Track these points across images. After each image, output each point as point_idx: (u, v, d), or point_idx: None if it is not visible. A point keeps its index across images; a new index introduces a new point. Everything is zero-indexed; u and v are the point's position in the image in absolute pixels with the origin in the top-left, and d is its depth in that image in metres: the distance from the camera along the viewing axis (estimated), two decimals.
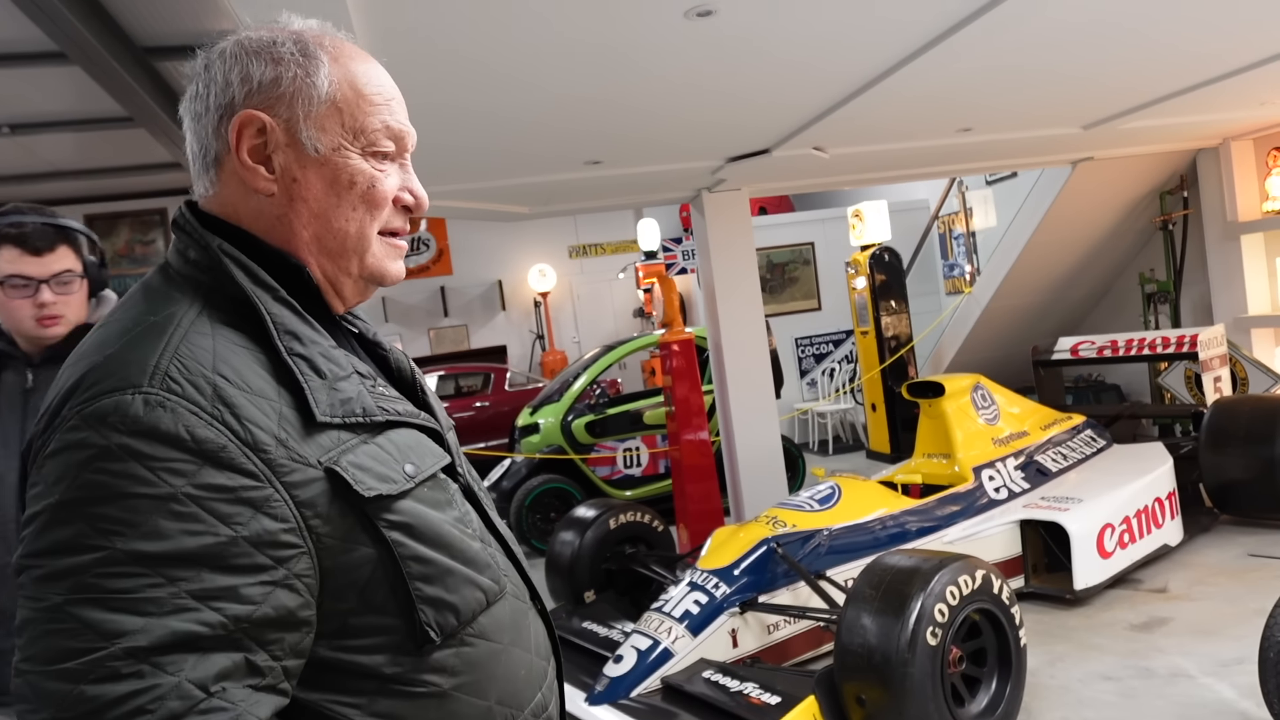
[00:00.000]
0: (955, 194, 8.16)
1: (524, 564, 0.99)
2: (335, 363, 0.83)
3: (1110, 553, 3.95)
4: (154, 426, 0.70)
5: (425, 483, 0.85)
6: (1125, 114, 4.59)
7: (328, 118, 0.86)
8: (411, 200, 0.92)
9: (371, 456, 0.81)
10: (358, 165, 0.87)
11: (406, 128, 0.92)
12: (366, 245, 0.89)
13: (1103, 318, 7.74)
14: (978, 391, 4.63)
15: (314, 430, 0.78)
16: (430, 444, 0.90)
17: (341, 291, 0.91)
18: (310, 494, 0.75)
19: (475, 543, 0.89)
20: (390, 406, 0.86)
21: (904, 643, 2.60)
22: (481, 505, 0.96)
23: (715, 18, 2.48)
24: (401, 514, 0.81)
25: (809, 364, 8.86)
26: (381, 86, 0.91)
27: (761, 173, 4.89)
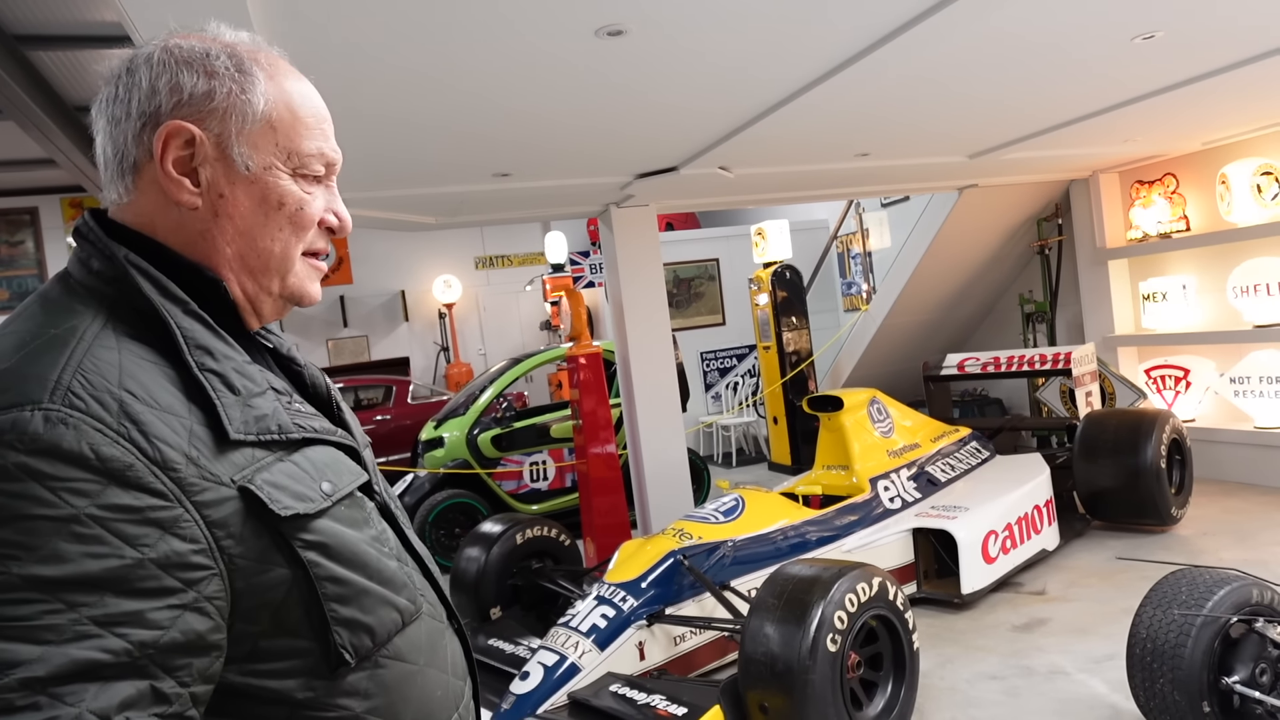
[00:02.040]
0: (853, 215, 8.49)
1: (440, 583, 0.99)
2: (250, 379, 0.82)
3: (994, 558, 4.17)
4: (55, 444, 0.66)
5: (342, 501, 0.84)
6: (1007, 145, 4.91)
7: (261, 136, 0.85)
8: (336, 222, 0.93)
9: (287, 475, 0.79)
10: (287, 186, 0.87)
11: (337, 154, 0.93)
12: (289, 265, 0.90)
13: (986, 336, 8.20)
14: (874, 405, 4.82)
15: (227, 448, 0.76)
16: (348, 461, 0.89)
17: (260, 309, 0.91)
18: (222, 514, 0.73)
19: (392, 561, 0.88)
20: (307, 423, 0.85)
21: (805, 650, 2.67)
22: (398, 523, 0.95)
23: (625, 38, 2.51)
24: (318, 533, 0.79)
25: (714, 378, 9.02)
26: (316, 109, 0.91)
27: (669, 190, 4.97)
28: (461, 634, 1.01)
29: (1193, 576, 2.57)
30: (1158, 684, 2.45)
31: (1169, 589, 2.57)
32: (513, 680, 3.11)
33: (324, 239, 0.93)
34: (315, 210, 0.90)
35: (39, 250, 8.03)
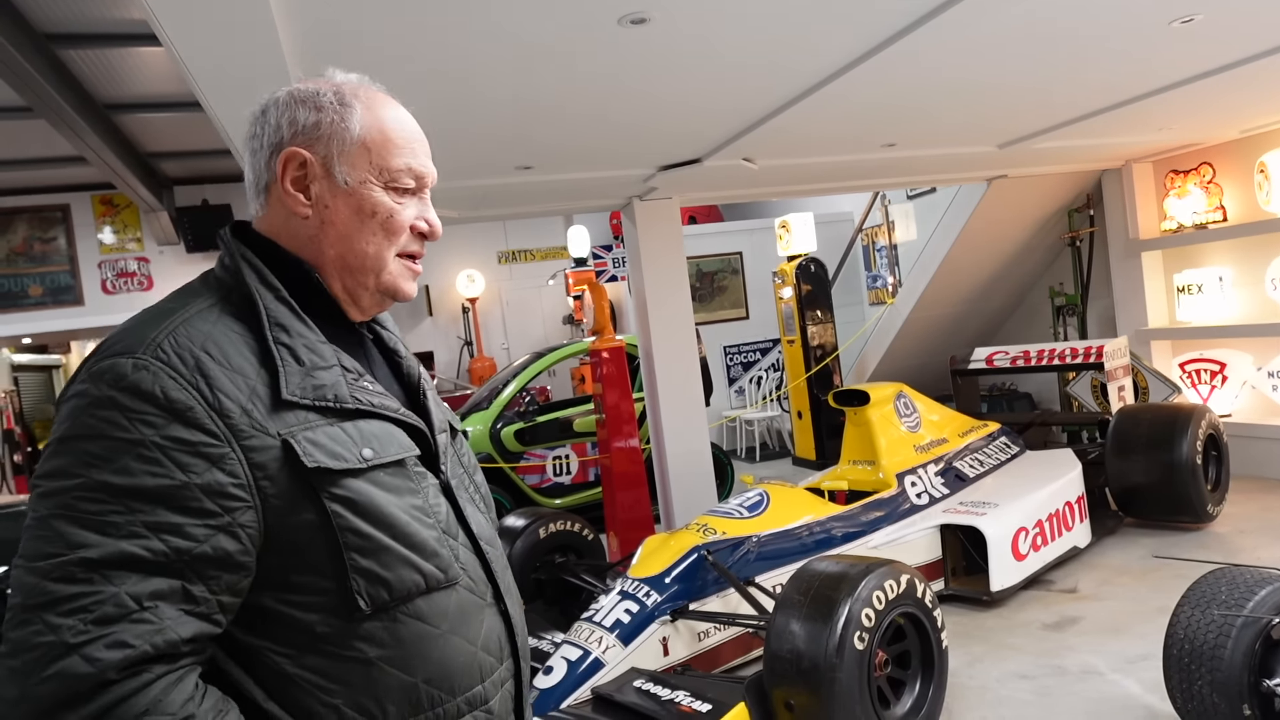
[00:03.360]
0: (878, 207, 8.39)
1: (495, 567, 1.07)
2: (319, 355, 0.96)
3: (1024, 555, 4.10)
4: (135, 385, 0.85)
5: (384, 467, 0.96)
6: (1037, 134, 4.81)
7: (358, 156, 1.01)
8: (426, 228, 1.06)
9: (330, 437, 0.92)
10: (379, 198, 1.02)
11: (427, 169, 1.07)
12: (383, 265, 1.03)
13: (1016, 329, 8.07)
14: (900, 400, 4.75)
15: (281, 407, 0.91)
16: (400, 436, 1.00)
17: (359, 303, 1.05)
18: (264, 459, 0.88)
19: (431, 531, 0.98)
20: (367, 399, 0.98)
21: (832, 648, 2.63)
22: (458, 503, 1.06)
23: (649, 26, 2.48)
24: (348, 490, 0.92)
25: (737, 372, 8.96)
26: (406, 132, 1.05)
27: (692, 182, 4.93)
28: (507, 617, 1.08)
29: (1232, 575, 2.50)
30: (1196, 685, 2.39)
31: (1207, 588, 2.50)
32: (536, 675, 3.10)
33: (417, 243, 1.06)
34: (405, 218, 1.04)
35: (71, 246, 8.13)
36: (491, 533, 1.11)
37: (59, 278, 8.09)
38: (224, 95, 2.55)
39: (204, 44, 2.16)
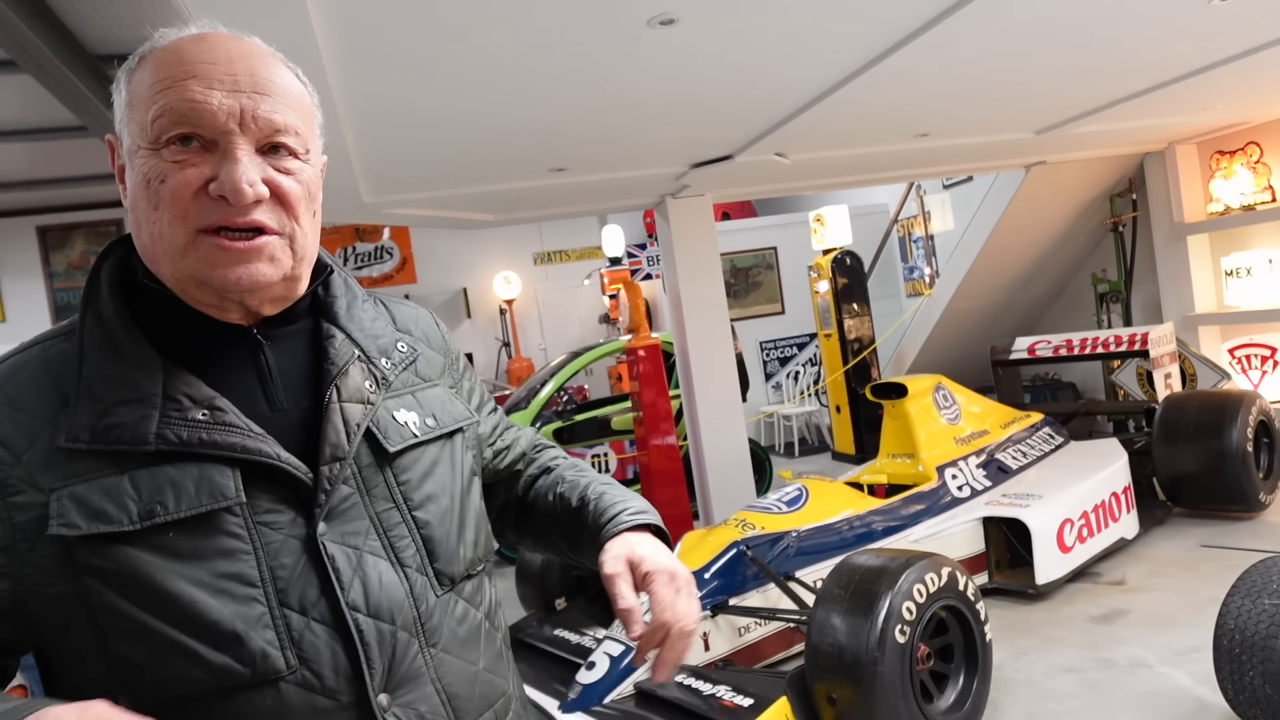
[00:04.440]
0: (914, 198, 8.30)
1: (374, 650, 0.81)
2: (127, 385, 0.79)
3: (1070, 547, 4.04)
4: None
5: (174, 526, 0.76)
6: (1076, 119, 4.72)
7: (131, 119, 0.81)
8: (222, 189, 0.78)
9: (105, 491, 0.75)
10: (150, 162, 0.79)
11: (202, 101, 0.78)
12: (175, 246, 0.80)
13: (1058, 317, 7.93)
14: (939, 392, 4.71)
15: (61, 454, 0.76)
16: (224, 481, 0.78)
17: (197, 298, 0.83)
18: (27, 518, 0.75)
19: (239, 608, 0.76)
20: (177, 435, 0.78)
21: (873, 641, 2.63)
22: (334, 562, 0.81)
23: (677, 26, 2.50)
24: (108, 559, 0.74)
25: (774, 367, 8.93)
26: (177, 65, 0.79)
27: (724, 178, 4.93)
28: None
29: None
30: (1247, 677, 2.34)
31: (1258, 578, 2.45)
32: (579, 670, 3.14)
33: (219, 211, 0.79)
34: (179, 181, 0.78)
35: None
36: (396, 597, 0.83)
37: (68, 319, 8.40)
38: None
39: None
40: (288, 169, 0.83)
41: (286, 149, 0.83)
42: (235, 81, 0.79)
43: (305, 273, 0.89)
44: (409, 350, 0.97)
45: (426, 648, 0.85)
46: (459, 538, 0.92)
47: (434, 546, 0.89)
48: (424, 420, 0.93)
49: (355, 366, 0.89)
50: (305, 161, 0.85)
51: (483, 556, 0.97)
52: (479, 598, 0.95)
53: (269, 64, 0.83)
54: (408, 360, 0.96)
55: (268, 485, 0.80)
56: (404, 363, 0.95)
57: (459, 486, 0.95)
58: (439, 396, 0.98)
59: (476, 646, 0.91)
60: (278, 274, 0.83)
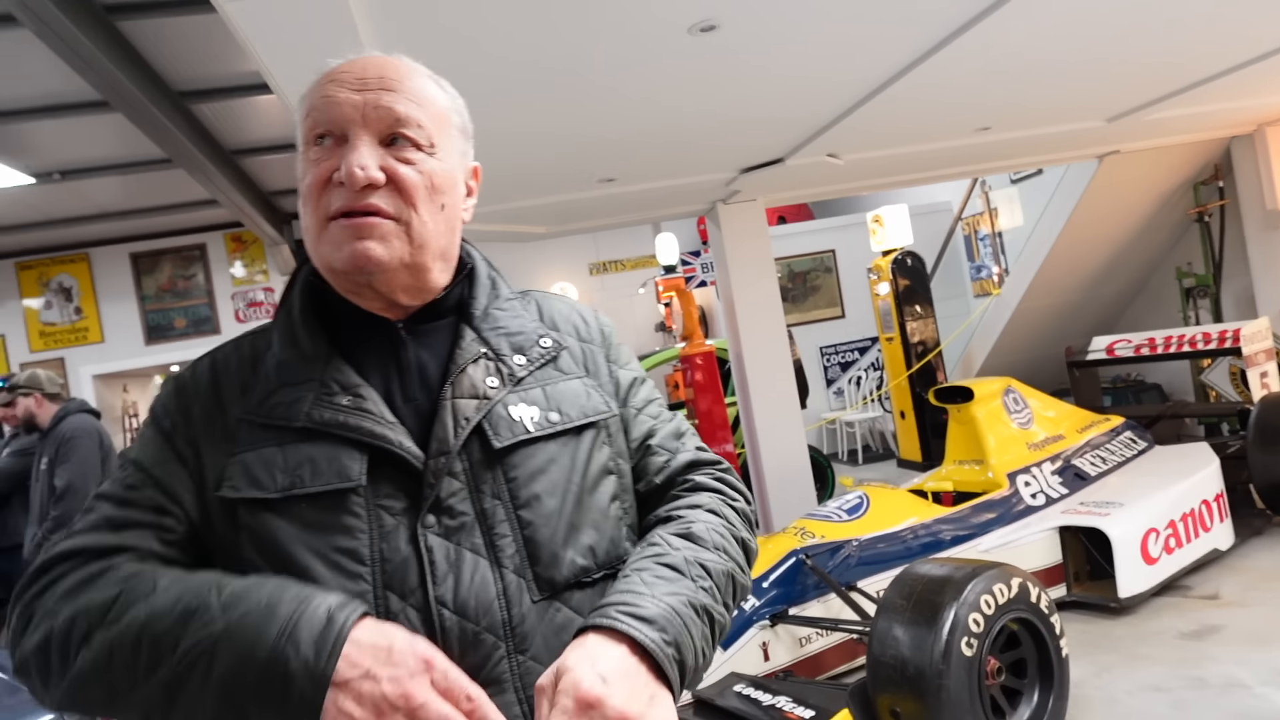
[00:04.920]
0: (978, 194, 8.02)
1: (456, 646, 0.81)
2: (293, 370, 0.88)
3: (1156, 558, 3.79)
4: (159, 394, 0.95)
5: (307, 499, 0.83)
6: (1152, 104, 4.46)
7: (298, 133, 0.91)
8: (340, 175, 0.85)
9: (264, 461, 0.85)
10: (301, 164, 0.89)
11: (333, 98, 0.86)
12: (312, 237, 0.89)
13: (1139, 314, 7.53)
14: (1009, 395, 4.50)
15: (240, 424, 0.87)
16: (350, 463, 0.84)
17: (343, 286, 0.91)
18: (215, 474, 0.86)
19: (346, 582, 0.81)
20: (322, 416, 0.85)
21: (938, 654, 2.51)
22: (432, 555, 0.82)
23: (719, 32, 2.47)
24: (256, 520, 0.83)
25: (835, 372, 8.73)
26: (324, 79, 0.89)
27: (776, 182, 4.83)
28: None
29: None
30: None
31: None
32: None
33: (340, 197, 0.85)
34: (317, 174, 0.86)
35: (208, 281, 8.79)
36: (485, 597, 0.82)
37: (199, 310, 8.77)
38: None
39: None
40: (408, 159, 0.87)
41: (408, 140, 0.87)
42: (364, 82, 0.87)
43: (430, 263, 0.91)
44: (552, 345, 0.97)
45: (514, 654, 0.83)
46: (567, 541, 0.88)
47: (536, 549, 0.86)
48: (545, 415, 0.91)
49: (479, 365, 0.91)
50: (430, 154, 0.89)
51: (603, 564, 0.90)
52: (589, 607, 0.85)
53: (401, 69, 0.91)
54: (547, 356, 0.96)
55: (390, 471, 0.85)
56: (542, 359, 0.95)
57: (578, 487, 0.91)
58: (574, 390, 0.95)
59: None
60: (391, 257, 0.86)
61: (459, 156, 0.94)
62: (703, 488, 1.01)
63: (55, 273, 8.36)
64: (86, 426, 3.80)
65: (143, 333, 8.52)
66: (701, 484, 1.01)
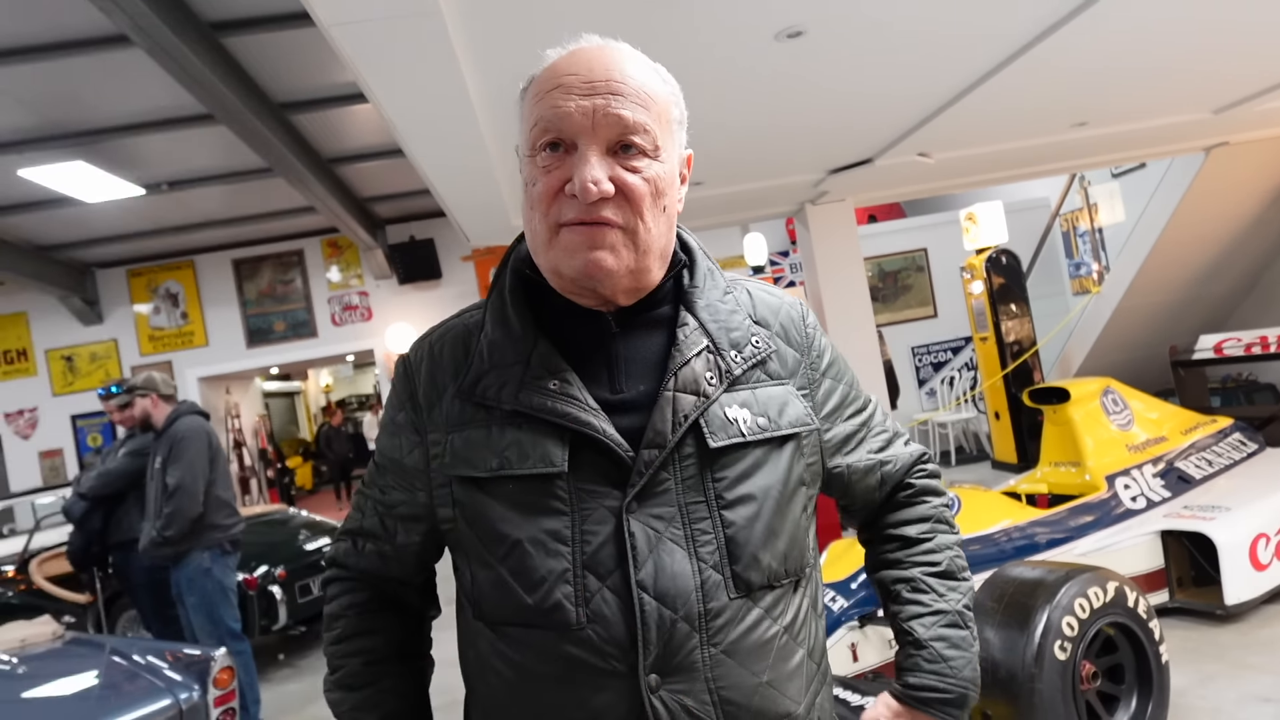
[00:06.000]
0: (1077, 190, 7.78)
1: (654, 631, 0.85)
2: (505, 351, 0.93)
3: (1266, 565, 3.66)
4: (394, 377, 1.03)
5: (514, 480, 0.88)
6: (1261, 94, 4.30)
7: (521, 132, 0.92)
8: (572, 188, 0.86)
9: (476, 441, 0.91)
10: (528, 169, 0.91)
11: (563, 107, 0.86)
12: (541, 241, 0.90)
13: (1251, 313, 7.18)
14: (1108, 396, 4.40)
15: (458, 403, 0.94)
16: (552, 448, 0.88)
17: (563, 288, 0.93)
18: (437, 452, 0.95)
19: (552, 562, 0.87)
20: (530, 400, 0.89)
21: (1030, 657, 2.52)
22: (634, 540, 0.86)
23: (805, 38, 2.53)
24: (470, 498, 0.91)
25: (927, 373, 8.61)
26: (549, 80, 0.89)
27: (865, 182, 4.85)
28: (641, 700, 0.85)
29: None
30: None
31: None
32: None
33: (573, 208, 0.86)
34: (546, 184, 0.88)
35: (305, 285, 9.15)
36: (684, 586, 0.85)
37: (297, 314, 9.10)
38: (420, 142, 2.87)
39: (405, 102, 2.46)
40: (635, 167, 0.88)
41: (636, 147, 0.87)
42: (592, 86, 0.87)
43: (653, 265, 0.92)
44: (764, 345, 0.96)
45: (706, 645, 0.86)
46: (765, 545, 0.90)
47: (735, 549, 0.88)
48: (755, 420, 0.92)
49: (701, 358, 0.92)
50: (655, 159, 0.89)
51: (792, 571, 0.93)
52: (780, 610, 0.92)
53: (626, 65, 0.89)
54: (760, 355, 0.95)
55: (594, 457, 0.88)
56: (755, 357, 0.95)
57: (778, 494, 0.92)
58: (780, 397, 0.96)
59: (765, 659, 0.89)
60: (620, 266, 0.88)
61: (677, 149, 0.94)
62: (926, 492, 1.11)
63: (163, 279, 8.81)
64: (196, 427, 3.87)
65: (244, 336, 8.89)
66: (924, 489, 1.11)
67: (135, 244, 8.19)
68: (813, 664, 0.95)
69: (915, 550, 1.08)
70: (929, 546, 1.08)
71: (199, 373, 8.79)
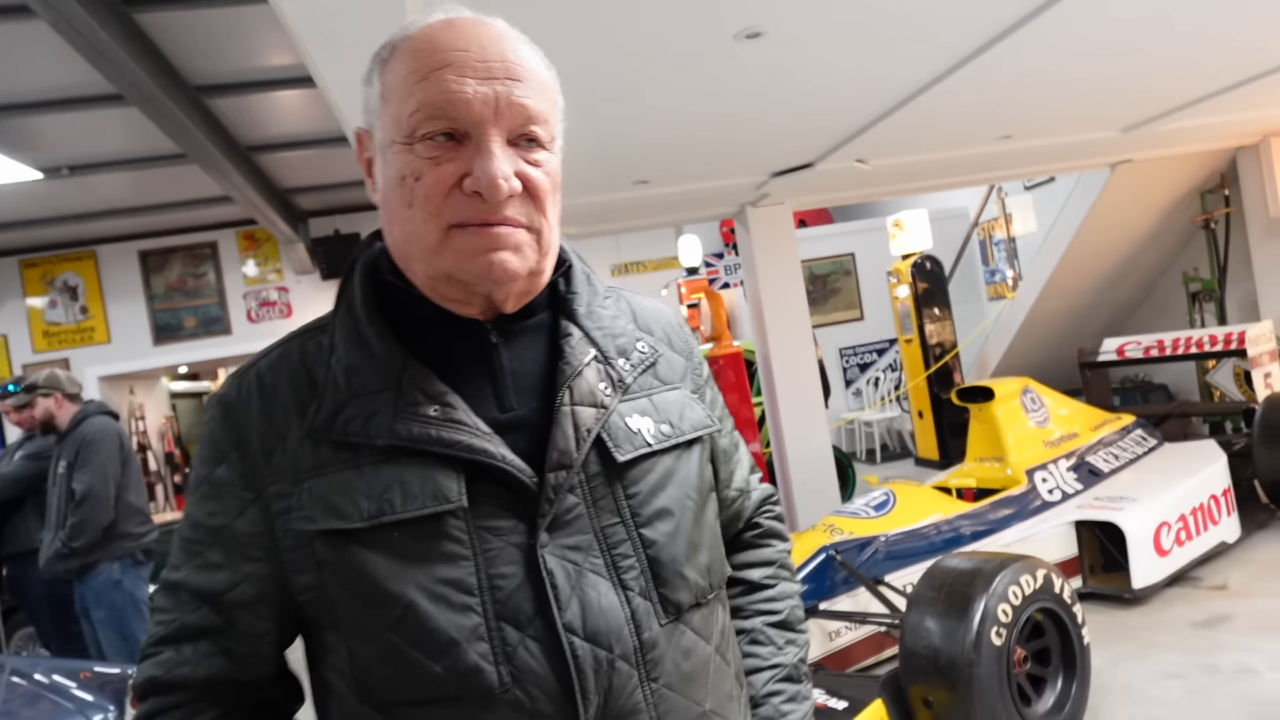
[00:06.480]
0: (994, 200, 8.18)
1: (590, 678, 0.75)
2: (366, 377, 0.78)
3: (1167, 551, 3.97)
4: (207, 425, 0.83)
5: (400, 526, 0.74)
6: (1166, 114, 4.63)
7: (384, 112, 0.79)
8: (477, 185, 0.75)
9: (341, 485, 0.75)
10: (402, 158, 0.77)
11: (459, 92, 0.75)
12: (428, 243, 0.77)
13: (1147, 318, 7.70)
14: (1027, 395, 4.67)
15: (309, 445, 0.77)
16: (441, 483, 0.75)
17: (446, 294, 0.81)
18: (283, 506, 0.77)
19: (459, 618, 0.73)
20: (409, 430, 0.75)
21: (969, 644, 2.64)
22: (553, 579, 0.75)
23: (764, 39, 2.58)
24: (342, 554, 0.75)
25: (854, 373, 8.90)
26: (431, 55, 0.76)
27: (805, 186, 5.00)
28: None
29: None
30: None
31: None
32: None
33: (474, 205, 0.76)
34: (436, 178, 0.75)
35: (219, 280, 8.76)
36: (614, 621, 0.76)
37: (209, 310, 8.68)
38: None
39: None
40: (536, 160, 0.79)
41: (537, 140, 0.80)
42: (489, 69, 0.76)
43: (549, 267, 0.84)
44: (650, 351, 0.89)
45: (647, 682, 0.77)
46: (689, 560, 0.83)
47: (660, 569, 0.80)
48: (659, 427, 0.85)
49: (592, 368, 0.83)
50: (551, 152, 0.82)
51: (715, 584, 0.87)
52: (709, 629, 0.85)
53: (518, 44, 0.80)
54: (647, 361, 0.88)
55: (491, 488, 0.76)
56: (643, 364, 0.87)
57: (694, 503, 0.86)
58: (678, 401, 0.89)
59: (705, 684, 0.83)
60: (524, 267, 0.79)
61: (561, 142, 0.85)
62: (772, 535, 1.06)
63: (61, 270, 8.22)
64: (107, 429, 3.64)
65: (151, 332, 8.38)
66: (771, 530, 1.06)
67: (30, 232, 7.56)
68: (739, 685, 0.90)
69: (758, 597, 1.01)
70: (771, 594, 1.02)
71: (100, 371, 8.27)
